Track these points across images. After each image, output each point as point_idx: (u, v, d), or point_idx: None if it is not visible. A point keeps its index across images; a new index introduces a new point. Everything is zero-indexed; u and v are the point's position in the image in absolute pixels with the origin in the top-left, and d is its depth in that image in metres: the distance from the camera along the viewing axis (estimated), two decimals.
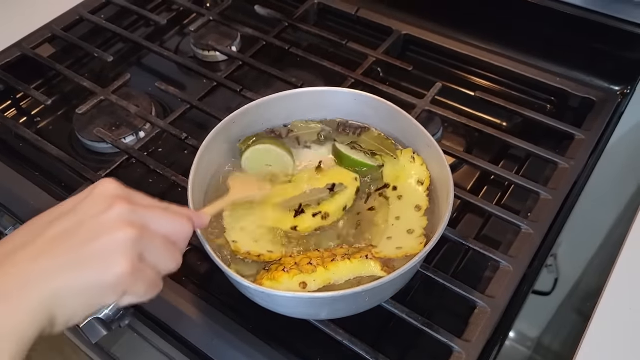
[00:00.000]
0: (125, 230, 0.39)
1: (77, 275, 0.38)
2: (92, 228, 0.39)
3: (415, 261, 0.52)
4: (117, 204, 0.41)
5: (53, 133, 0.90)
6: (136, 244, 0.40)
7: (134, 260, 0.39)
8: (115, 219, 0.40)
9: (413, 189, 0.62)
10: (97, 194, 0.42)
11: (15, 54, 0.92)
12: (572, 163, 0.72)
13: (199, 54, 0.99)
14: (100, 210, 0.40)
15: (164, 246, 0.42)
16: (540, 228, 0.65)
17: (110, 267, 0.38)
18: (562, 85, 0.83)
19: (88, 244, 0.39)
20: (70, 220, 0.40)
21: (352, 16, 0.98)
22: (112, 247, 0.39)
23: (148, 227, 0.41)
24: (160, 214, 0.43)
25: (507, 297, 0.60)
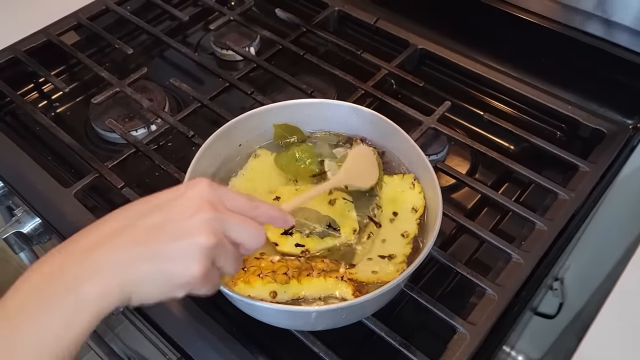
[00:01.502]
0: (205, 237, 0.42)
1: (157, 269, 0.42)
2: (178, 228, 0.42)
3: (384, 289, 0.52)
4: (204, 210, 0.43)
5: (70, 119, 0.93)
6: (212, 250, 0.43)
7: (207, 265, 0.43)
8: (199, 225, 0.43)
9: (406, 215, 0.62)
10: (189, 196, 0.44)
11: (41, 39, 0.94)
12: (573, 195, 0.71)
13: (218, 52, 1.00)
14: (188, 213, 0.43)
15: (232, 254, 0.45)
16: (531, 259, 0.65)
17: (186, 268, 0.42)
18: (574, 113, 0.81)
19: (172, 243, 0.42)
20: (161, 216, 0.43)
21: (370, 26, 0.98)
22: (192, 250, 0.42)
23: (226, 235, 0.44)
24: (240, 222, 0.45)
25: (487, 326, 0.60)
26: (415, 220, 0.62)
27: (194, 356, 0.59)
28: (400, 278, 0.53)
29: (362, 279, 0.57)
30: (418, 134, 0.78)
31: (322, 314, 0.53)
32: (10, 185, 0.76)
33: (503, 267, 0.66)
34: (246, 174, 0.67)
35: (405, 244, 0.60)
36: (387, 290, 0.53)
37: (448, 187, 0.80)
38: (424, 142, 0.81)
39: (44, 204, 0.73)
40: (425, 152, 0.78)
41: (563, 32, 0.83)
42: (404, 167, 0.67)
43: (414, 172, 0.66)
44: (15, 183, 0.76)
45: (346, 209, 0.64)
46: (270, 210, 0.49)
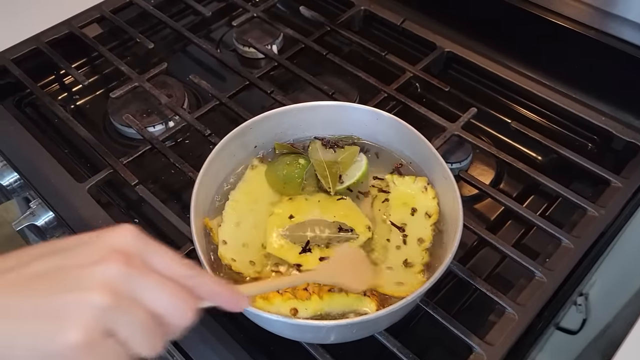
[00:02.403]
0: (98, 294, 0.33)
1: (24, 328, 0.33)
2: (69, 278, 0.34)
3: (403, 303, 0.50)
4: (112, 261, 0.34)
5: (89, 112, 0.93)
6: (106, 314, 0.33)
7: (93, 333, 0.32)
8: (97, 278, 0.34)
9: (419, 221, 0.60)
10: (101, 241, 0.36)
11: (63, 31, 0.94)
12: (603, 212, 0.67)
13: (240, 49, 0.99)
14: (91, 261, 0.34)
15: (144, 326, 0.35)
16: (555, 278, 0.62)
17: (61, 332, 0.32)
18: (607, 125, 0.77)
19: (54, 295, 0.33)
20: (56, 261, 0.35)
21: (397, 27, 0.95)
22: (74, 309, 0.33)
23: (135, 298, 0.34)
24: (161, 287, 0.36)
25: (506, 347, 0.57)
26: (430, 226, 0.59)
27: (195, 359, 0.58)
28: (417, 293, 0.51)
29: (387, 292, 0.54)
30: (441, 141, 0.75)
31: (332, 328, 0.51)
32: (25, 177, 0.76)
33: (525, 284, 0.63)
34: (243, 186, 0.63)
35: (420, 250, 0.57)
36: (402, 306, 0.50)
37: (470, 197, 0.77)
38: (447, 150, 0.78)
39: (57, 198, 0.72)
40: (448, 160, 0.77)
41: (598, 39, 0.79)
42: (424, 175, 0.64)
43: (434, 182, 0.63)
44: (30, 175, 0.75)
45: (348, 208, 0.62)
46: (215, 285, 0.39)
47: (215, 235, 0.58)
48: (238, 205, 0.61)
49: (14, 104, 0.90)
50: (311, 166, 0.64)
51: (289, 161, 0.65)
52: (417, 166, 0.65)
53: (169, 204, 0.73)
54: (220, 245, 0.58)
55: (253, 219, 0.61)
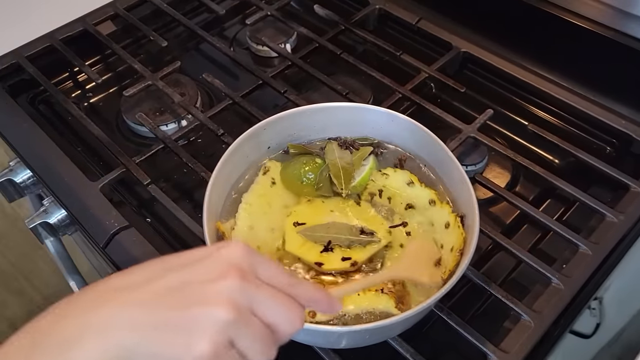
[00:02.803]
0: (223, 308, 0.35)
1: (157, 339, 0.35)
2: (193, 294, 0.36)
3: (418, 310, 0.49)
4: (230, 277, 0.37)
5: (103, 110, 0.92)
6: (229, 327, 0.36)
7: (220, 346, 0.35)
8: (219, 293, 0.36)
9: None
10: (217, 257, 0.38)
11: (77, 28, 0.94)
12: (622, 217, 0.66)
13: (253, 47, 0.98)
14: (211, 277, 0.37)
15: (260, 336, 0.37)
16: (572, 284, 0.61)
17: (190, 344, 0.35)
18: (627, 128, 0.76)
19: (182, 309, 0.36)
20: (178, 277, 0.37)
21: (412, 26, 0.94)
22: (203, 323, 0.35)
23: (252, 311, 0.37)
24: (273, 299, 0.38)
25: (522, 355, 0.56)
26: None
27: None
28: (432, 300, 0.50)
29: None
30: (456, 143, 0.74)
31: (344, 334, 0.50)
32: (38, 175, 0.76)
33: (541, 291, 0.62)
34: (256, 189, 0.63)
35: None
36: (416, 313, 0.49)
37: (486, 200, 0.76)
38: (462, 152, 0.76)
39: (69, 196, 0.72)
40: (464, 162, 0.76)
41: (618, 40, 0.77)
42: (440, 180, 0.63)
43: (450, 185, 0.62)
44: (43, 173, 0.75)
45: (367, 212, 0.61)
46: (314, 291, 0.42)
47: (228, 238, 0.58)
48: (251, 209, 0.60)
49: (27, 101, 0.90)
50: (326, 167, 0.63)
51: (305, 161, 0.64)
52: (432, 168, 0.64)
53: (181, 203, 0.73)
54: None
55: (267, 222, 0.60)
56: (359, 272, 0.57)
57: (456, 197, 0.61)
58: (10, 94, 0.86)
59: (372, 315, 0.53)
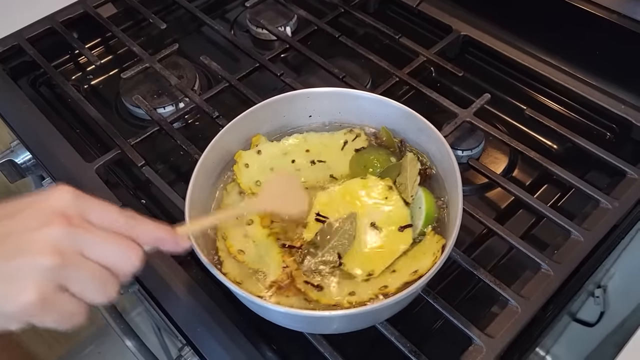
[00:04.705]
0: (46, 255, 0.36)
1: None
2: (16, 243, 0.36)
3: (403, 295, 0.49)
4: (55, 223, 0.37)
5: (103, 92, 0.93)
6: (54, 272, 0.36)
7: (46, 290, 0.36)
8: (43, 240, 0.36)
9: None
10: (42, 204, 0.38)
11: (78, 10, 0.94)
12: (616, 204, 0.65)
13: (253, 30, 0.98)
14: (34, 225, 0.37)
15: (93, 277, 0.38)
16: (561, 271, 0.60)
17: (15, 294, 0.35)
18: (627, 114, 0.75)
19: (5, 261, 0.36)
20: (3, 228, 0.37)
21: (413, 9, 0.93)
22: (26, 271, 0.36)
23: (81, 254, 0.38)
24: (104, 241, 0.39)
25: (506, 340, 0.56)
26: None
27: (194, 341, 0.58)
28: (419, 284, 0.50)
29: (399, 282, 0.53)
30: (451, 128, 0.73)
31: (333, 319, 0.50)
32: (36, 156, 0.77)
33: (531, 277, 0.61)
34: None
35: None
36: (402, 298, 0.49)
37: (482, 185, 0.75)
38: (457, 137, 0.76)
39: (65, 177, 0.73)
40: (459, 147, 0.75)
41: (621, 24, 0.76)
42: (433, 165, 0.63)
43: (440, 170, 0.61)
44: (40, 154, 0.76)
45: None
46: (156, 230, 0.42)
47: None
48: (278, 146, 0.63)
49: (28, 83, 0.91)
50: (396, 167, 0.61)
51: (381, 152, 0.63)
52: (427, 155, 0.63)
53: (176, 185, 0.73)
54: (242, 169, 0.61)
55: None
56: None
57: (450, 184, 0.59)
58: (11, 76, 0.87)
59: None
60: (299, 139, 0.65)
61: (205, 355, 0.58)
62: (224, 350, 0.57)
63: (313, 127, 0.67)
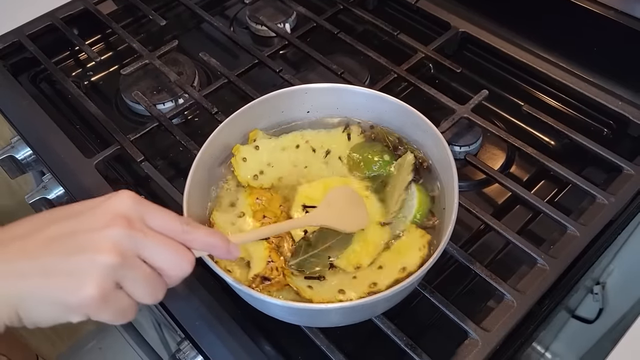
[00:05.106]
0: (107, 254, 0.38)
1: (45, 285, 0.37)
2: (80, 241, 0.38)
3: (397, 289, 0.49)
4: (116, 225, 0.39)
5: (103, 88, 0.93)
6: (114, 271, 0.38)
7: (105, 287, 0.38)
8: (104, 240, 0.38)
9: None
10: (105, 207, 0.40)
11: (78, 7, 0.94)
12: (612, 200, 0.65)
13: (252, 27, 0.98)
14: (97, 226, 0.39)
15: (146, 279, 0.40)
16: (557, 265, 0.60)
17: (77, 288, 0.37)
18: (624, 110, 0.75)
19: (69, 257, 0.38)
20: (68, 227, 0.39)
21: (411, 6, 0.93)
22: (88, 268, 0.37)
23: (139, 256, 0.40)
24: (160, 245, 0.40)
25: (502, 333, 0.56)
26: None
27: (193, 335, 0.59)
28: (415, 277, 0.50)
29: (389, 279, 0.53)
30: (449, 124, 0.73)
31: (330, 311, 0.51)
32: (36, 152, 0.77)
33: (527, 272, 0.62)
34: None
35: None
36: (396, 292, 0.50)
37: (479, 181, 0.76)
38: (455, 133, 0.76)
39: (65, 172, 0.74)
40: (457, 143, 0.76)
41: (618, 20, 0.76)
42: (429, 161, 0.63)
43: (437, 165, 0.61)
44: (41, 150, 0.76)
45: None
46: (209, 237, 0.43)
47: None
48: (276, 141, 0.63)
49: (29, 79, 0.91)
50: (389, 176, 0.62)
51: (376, 149, 0.63)
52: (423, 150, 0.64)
53: (175, 181, 0.73)
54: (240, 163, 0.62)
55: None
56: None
57: (447, 182, 0.60)
58: (11, 72, 0.87)
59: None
60: (297, 135, 0.65)
61: (204, 349, 0.59)
62: (222, 344, 0.58)
63: (311, 122, 0.67)
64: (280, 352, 0.60)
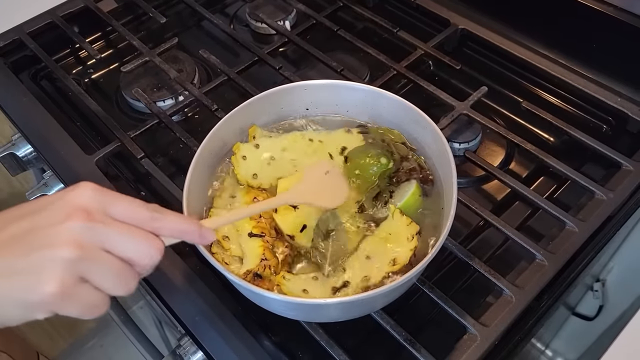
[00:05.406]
0: (66, 248, 0.37)
1: (7, 286, 0.37)
2: (39, 238, 0.38)
3: (395, 285, 0.49)
4: (74, 218, 0.38)
5: (103, 85, 0.94)
6: (75, 264, 0.37)
7: (66, 282, 0.37)
8: (63, 234, 0.37)
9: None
10: (63, 201, 0.39)
11: (79, 5, 0.95)
12: (611, 195, 0.65)
13: (252, 24, 0.98)
14: (56, 220, 0.38)
15: (113, 270, 0.39)
16: (556, 261, 0.60)
17: (38, 284, 0.37)
18: (623, 106, 0.75)
19: (28, 255, 0.37)
20: (27, 224, 0.39)
21: (411, 3, 0.93)
22: (47, 263, 0.37)
23: (101, 247, 0.39)
24: (124, 234, 0.39)
25: (500, 328, 0.56)
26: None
27: (193, 331, 0.59)
28: (412, 273, 0.50)
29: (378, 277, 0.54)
30: (448, 120, 0.74)
31: (327, 306, 0.51)
32: (36, 148, 0.78)
33: (525, 267, 0.62)
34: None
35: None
36: (394, 287, 0.50)
37: (479, 177, 0.76)
38: (455, 129, 0.76)
39: (66, 169, 0.74)
40: (456, 139, 0.76)
41: (618, 17, 0.76)
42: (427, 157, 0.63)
43: (436, 161, 0.62)
44: (41, 147, 0.77)
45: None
46: (180, 222, 0.42)
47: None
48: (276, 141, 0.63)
49: (29, 77, 0.92)
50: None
51: (370, 154, 0.62)
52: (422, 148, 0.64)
53: (175, 177, 0.73)
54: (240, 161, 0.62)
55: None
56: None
57: (445, 178, 0.60)
58: (12, 69, 0.88)
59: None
60: (298, 135, 0.65)
61: (204, 344, 0.59)
62: (222, 340, 0.58)
63: (310, 118, 0.67)
64: (280, 347, 0.60)
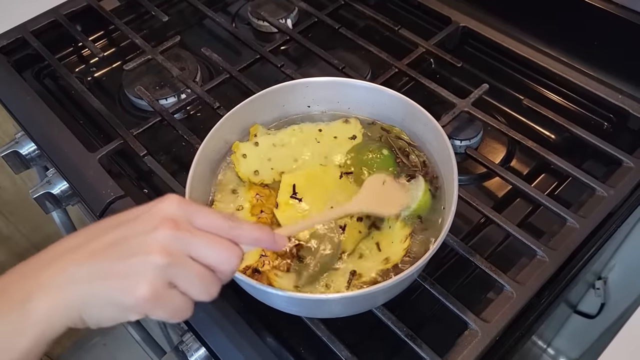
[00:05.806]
0: (157, 255, 0.40)
1: (103, 288, 0.40)
2: (132, 245, 0.41)
3: (396, 280, 0.50)
4: (163, 227, 0.41)
5: (106, 84, 0.94)
6: (164, 271, 0.40)
7: (157, 287, 0.40)
8: (153, 242, 0.40)
9: None
10: (152, 212, 0.42)
11: (82, 3, 0.95)
12: (612, 192, 0.66)
13: (254, 22, 0.98)
14: (146, 229, 0.41)
15: (198, 277, 0.42)
16: (557, 257, 0.61)
17: (132, 289, 0.39)
18: (624, 103, 0.75)
19: (123, 260, 0.40)
20: (121, 233, 0.42)
21: (412, 1, 0.93)
22: (140, 269, 0.40)
23: (188, 254, 0.41)
24: (208, 242, 0.42)
25: (501, 324, 0.57)
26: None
27: (195, 327, 0.59)
28: (415, 268, 0.51)
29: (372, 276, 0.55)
30: (449, 117, 0.74)
31: (328, 302, 0.51)
32: (39, 146, 0.78)
33: (526, 263, 0.62)
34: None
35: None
36: (395, 283, 0.50)
37: (480, 174, 0.76)
38: (456, 127, 0.77)
39: (69, 167, 0.74)
40: (457, 136, 0.76)
41: (618, 14, 0.76)
42: (429, 154, 0.64)
43: (437, 158, 0.62)
44: (45, 144, 0.77)
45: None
46: (254, 231, 0.45)
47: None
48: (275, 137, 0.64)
49: (32, 75, 0.92)
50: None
51: (371, 148, 0.63)
52: (423, 144, 0.64)
53: (178, 175, 0.74)
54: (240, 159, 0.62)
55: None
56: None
57: (446, 174, 0.60)
58: (15, 68, 0.88)
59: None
60: (296, 129, 0.66)
61: (207, 340, 0.59)
62: (225, 336, 0.58)
63: (312, 116, 0.68)
64: (282, 343, 0.60)
